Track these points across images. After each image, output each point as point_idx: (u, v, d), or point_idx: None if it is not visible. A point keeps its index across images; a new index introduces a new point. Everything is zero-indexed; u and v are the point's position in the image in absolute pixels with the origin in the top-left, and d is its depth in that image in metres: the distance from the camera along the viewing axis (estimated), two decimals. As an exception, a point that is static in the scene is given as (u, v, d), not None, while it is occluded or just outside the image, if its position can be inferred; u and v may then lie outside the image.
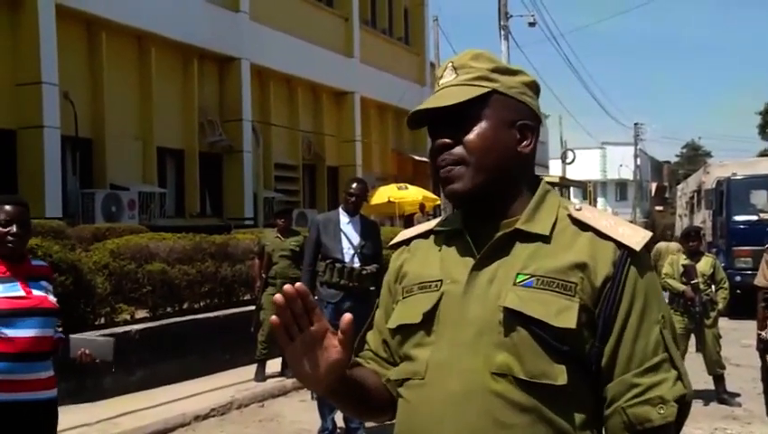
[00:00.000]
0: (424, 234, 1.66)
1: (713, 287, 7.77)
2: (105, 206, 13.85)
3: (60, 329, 3.59)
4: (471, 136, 1.49)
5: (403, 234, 1.73)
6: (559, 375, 1.38)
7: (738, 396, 7.69)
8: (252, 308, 8.80)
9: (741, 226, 14.38)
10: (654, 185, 63.51)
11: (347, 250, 6.17)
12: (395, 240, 1.73)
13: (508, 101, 1.52)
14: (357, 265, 6.14)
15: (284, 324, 1.38)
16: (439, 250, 1.57)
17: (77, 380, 6.86)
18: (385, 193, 20.49)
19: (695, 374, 1.46)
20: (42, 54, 12.81)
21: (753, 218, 14.31)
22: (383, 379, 1.62)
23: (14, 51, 12.96)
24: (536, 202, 1.52)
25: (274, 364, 8.59)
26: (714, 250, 14.11)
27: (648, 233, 1.47)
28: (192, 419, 7.07)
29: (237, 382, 8.33)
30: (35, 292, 3.38)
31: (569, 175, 40.38)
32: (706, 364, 7.63)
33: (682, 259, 7.89)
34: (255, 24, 18.43)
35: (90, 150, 14.75)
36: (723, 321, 8.30)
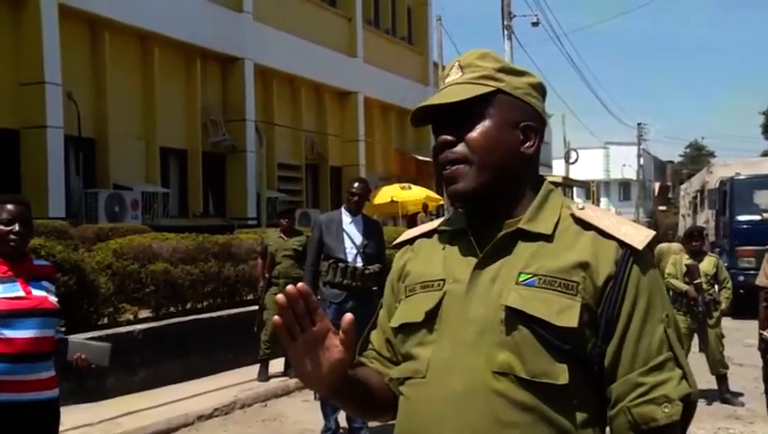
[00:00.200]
0: (427, 234, 1.66)
1: (716, 286, 7.78)
2: (108, 206, 13.86)
3: (63, 329, 3.58)
4: (474, 134, 1.49)
5: (407, 234, 1.73)
6: (561, 374, 1.38)
7: (741, 396, 7.69)
8: (255, 308, 8.81)
9: (744, 226, 14.37)
10: (657, 185, 63.43)
11: (350, 250, 6.16)
12: (399, 239, 1.73)
13: (512, 101, 1.52)
14: (360, 265, 6.14)
15: (286, 324, 1.38)
16: (443, 250, 1.57)
17: (79, 380, 6.84)
18: (388, 193, 20.45)
19: (698, 374, 1.46)
20: (45, 54, 12.81)
21: (757, 218, 14.30)
22: (386, 378, 1.61)
23: (17, 50, 12.96)
24: (539, 202, 1.52)
25: (277, 364, 8.59)
26: (717, 250, 14.08)
27: (651, 232, 1.47)
28: (196, 418, 7.07)
29: (240, 381, 8.33)
30: (35, 292, 3.37)
31: (572, 175, 40.39)
32: (709, 364, 7.63)
33: (685, 258, 7.89)
34: (258, 24, 18.43)
35: (93, 150, 14.75)
36: (726, 321, 8.29)
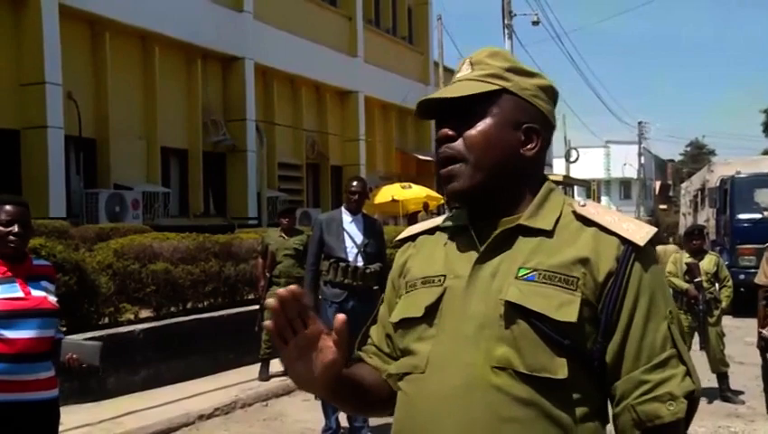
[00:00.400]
0: (429, 231, 1.66)
1: (716, 285, 7.78)
2: (109, 206, 13.87)
3: (64, 329, 3.58)
4: (472, 131, 1.50)
5: (409, 230, 1.73)
6: (560, 369, 1.38)
7: (742, 394, 7.69)
8: (256, 308, 8.81)
9: (745, 224, 14.37)
10: (658, 184, 63.40)
11: (350, 249, 6.16)
12: (401, 235, 1.74)
13: (518, 102, 1.51)
14: (360, 264, 6.14)
15: (278, 327, 1.36)
16: (444, 247, 1.57)
17: (80, 379, 6.85)
18: (389, 192, 20.44)
19: (698, 372, 1.45)
20: (46, 54, 12.81)
21: (757, 216, 14.30)
22: (384, 374, 1.61)
23: (18, 51, 12.97)
24: (540, 200, 1.51)
25: (278, 364, 8.56)
26: (718, 249, 14.09)
27: (653, 229, 1.47)
28: (196, 418, 7.07)
29: (241, 381, 8.33)
30: (34, 293, 3.38)
31: (573, 174, 40.45)
32: (709, 362, 7.62)
33: (686, 257, 7.89)
34: (258, 24, 18.43)
35: (94, 150, 14.75)
36: (726, 319, 8.30)
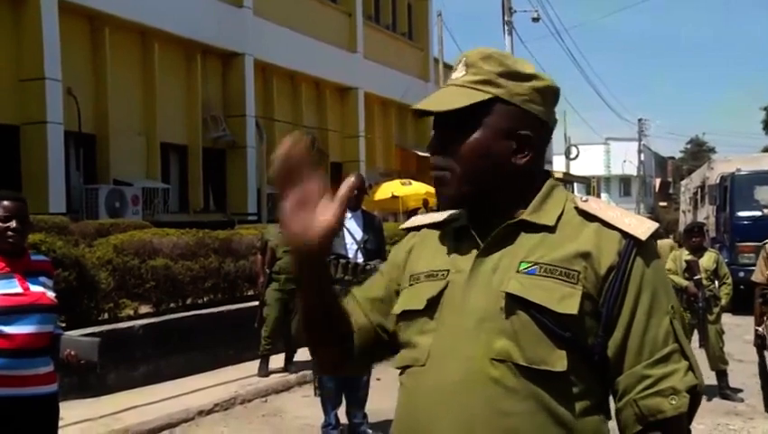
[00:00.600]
0: (434, 225, 1.65)
1: (716, 282, 7.77)
2: (108, 202, 13.88)
3: (63, 325, 3.58)
4: (459, 145, 1.48)
5: (414, 220, 1.73)
6: (559, 361, 1.38)
7: (741, 391, 7.69)
8: (256, 304, 8.80)
9: (745, 222, 14.36)
10: (658, 181, 63.41)
11: (350, 246, 6.14)
12: (407, 223, 1.73)
13: (509, 109, 1.48)
14: (360, 260, 6.12)
15: (280, 175, 1.38)
16: (448, 243, 1.57)
17: (80, 375, 6.84)
18: (389, 189, 20.45)
19: (698, 369, 1.45)
20: (46, 50, 12.82)
21: (757, 213, 14.30)
22: (352, 319, 1.62)
23: (18, 46, 12.98)
24: (542, 196, 1.51)
25: (277, 360, 8.59)
26: (717, 246, 14.08)
27: (655, 224, 1.47)
28: (196, 414, 7.07)
29: (240, 377, 8.33)
30: (33, 288, 3.37)
31: (573, 171, 40.43)
32: (708, 360, 7.61)
33: (685, 254, 7.88)
34: (258, 20, 18.42)
35: (94, 146, 14.77)
36: (726, 317, 8.30)
